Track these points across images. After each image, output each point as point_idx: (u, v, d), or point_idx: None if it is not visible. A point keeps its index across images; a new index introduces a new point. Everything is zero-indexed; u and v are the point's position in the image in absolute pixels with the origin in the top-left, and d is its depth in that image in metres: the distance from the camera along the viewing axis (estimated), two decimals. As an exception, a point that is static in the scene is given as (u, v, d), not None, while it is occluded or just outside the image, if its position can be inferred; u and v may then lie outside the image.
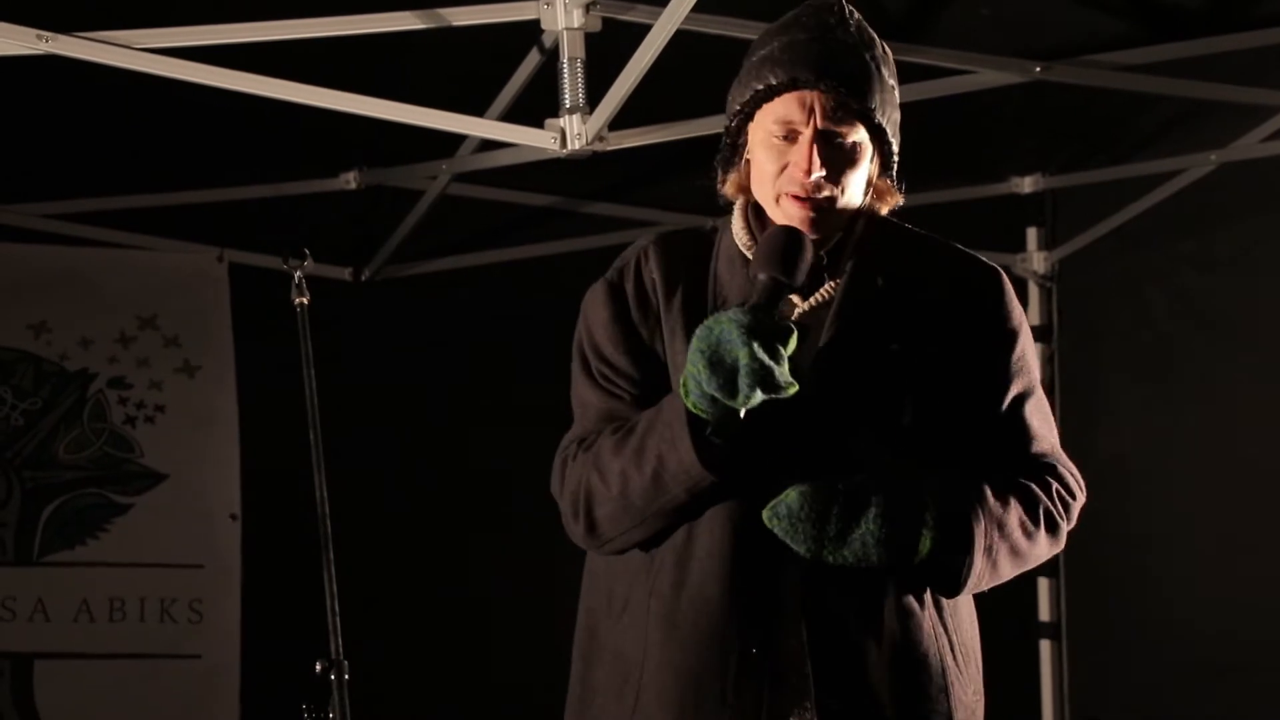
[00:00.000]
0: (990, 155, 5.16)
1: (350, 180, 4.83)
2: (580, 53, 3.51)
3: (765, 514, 2.14)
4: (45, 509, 4.88)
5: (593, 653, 2.33)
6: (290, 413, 3.74)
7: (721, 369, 2.06)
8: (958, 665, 2.29)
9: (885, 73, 2.29)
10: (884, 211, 2.36)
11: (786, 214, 2.25)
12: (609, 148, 3.56)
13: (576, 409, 2.36)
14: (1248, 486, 4.83)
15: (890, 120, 2.28)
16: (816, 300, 2.29)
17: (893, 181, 2.33)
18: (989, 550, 2.24)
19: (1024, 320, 2.38)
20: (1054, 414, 5.58)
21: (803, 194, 2.23)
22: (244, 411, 5.01)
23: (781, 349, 2.09)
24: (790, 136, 2.24)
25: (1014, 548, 2.29)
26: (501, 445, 4.89)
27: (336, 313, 4.40)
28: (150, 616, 4.87)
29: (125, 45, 3.42)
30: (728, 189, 2.36)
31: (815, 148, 2.22)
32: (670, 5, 3.32)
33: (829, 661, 2.20)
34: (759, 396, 2.07)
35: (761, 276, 2.17)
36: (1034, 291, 5.52)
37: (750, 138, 2.29)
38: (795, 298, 2.27)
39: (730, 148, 2.34)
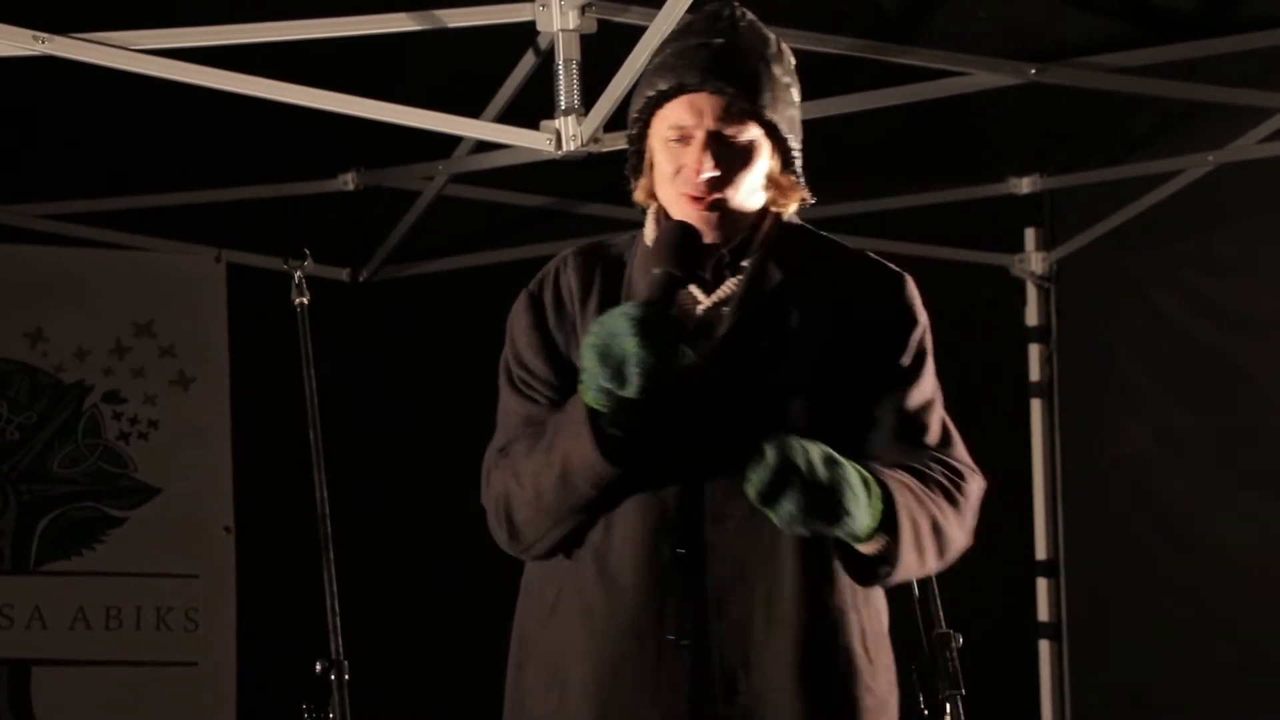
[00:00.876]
0: (988, 156, 5.16)
1: (348, 181, 4.84)
2: (576, 54, 3.52)
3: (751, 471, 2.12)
4: (41, 520, 4.91)
5: (523, 657, 2.38)
6: (287, 413, 3.75)
7: (610, 361, 2.11)
8: (868, 655, 2.32)
9: (778, 71, 2.33)
10: (791, 208, 2.40)
11: (684, 214, 2.31)
12: (604, 149, 3.56)
13: (500, 420, 2.41)
14: (1245, 486, 4.83)
15: (784, 117, 2.33)
16: (720, 297, 2.33)
17: (797, 178, 2.38)
18: (916, 537, 2.25)
19: (926, 328, 2.42)
20: (1052, 415, 5.64)
21: (697, 194, 2.29)
22: (241, 412, 5.02)
23: (671, 341, 2.13)
24: (684, 139, 2.29)
25: (936, 528, 2.30)
26: (500, 445, 4.89)
27: (334, 313, 4.41)
28: (146, 624, 4.90)
29: (122, 46, 3.43)
30: (638, 195, 2.41)
31: (706, 149, 2.27)
32: (665, 7, 3.32)
33: (743, 649, 2.24)
34: (643, 391, 2.11)
35: (655, 271, 2.23)
36: (1032, 292, 5.52)
37: (651, 144, 2.35)
38: (699, 294, 2.32)
39: (636, 155, 2.39)
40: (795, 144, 2.37)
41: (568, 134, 3.54)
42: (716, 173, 2.28)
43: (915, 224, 5.35)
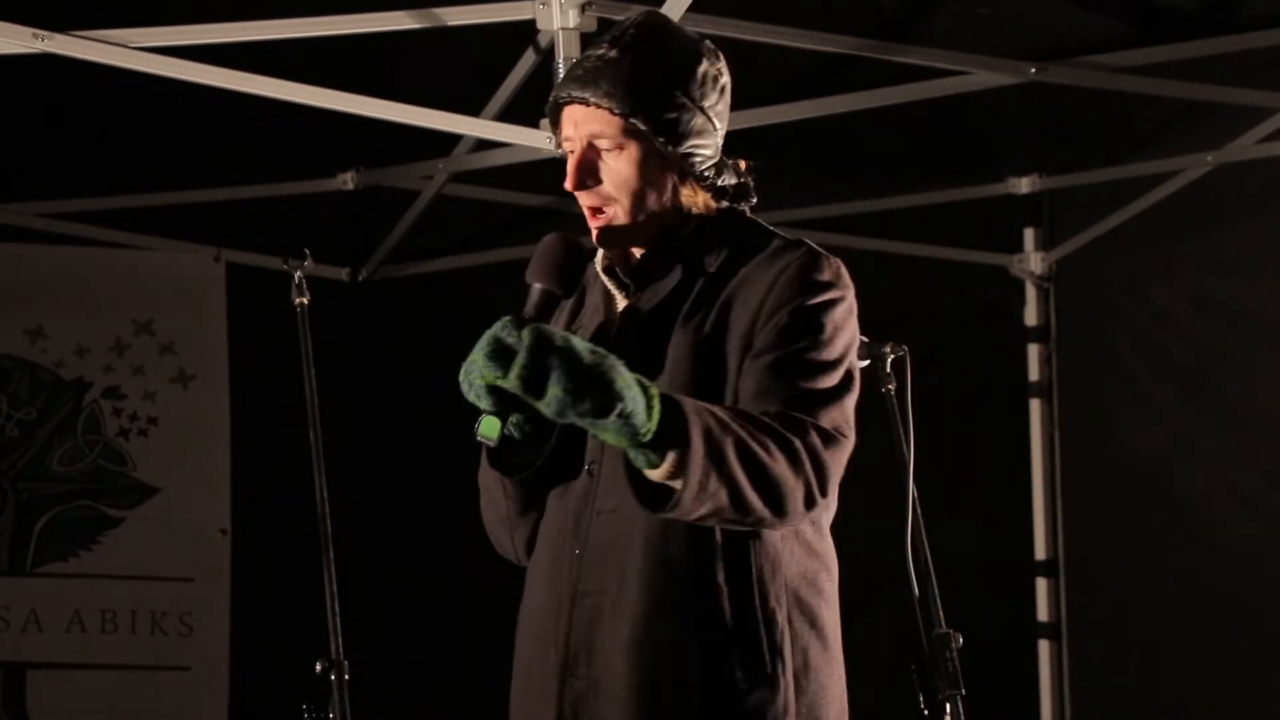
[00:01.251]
0: (987, 156, 5.16)
1: (348, 180, 4.84)
2: (576, 53, 3.51)
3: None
4: (39, 521, 4.91)
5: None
6: (285, 412, 3.74)
7: (468, 385, 2.12)
8: (723, 646, 2.23)
9: (661, 78, 2.29)
10: (705, 208, 2.36)
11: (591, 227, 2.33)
12: (604, 148, 3.55)
13: None
14: (1244, 485, 4.83)
15: (662, 121, 2.27)
16: (636, 300, 2.33)
17: (701, 180, 2.34)
18: (717, 456, 2.10)
19: (824, 302, 2.27)
20: (1051, 415, 5.63)
21: (587, 205, 2.31)
22: (240, 412, 5.02)
23: (512, 352, 2.05)
24: (571, 153, 2.32)
25: (747, 455, 2.14)
26: (499, 444, 4.88)
27: (333, 313, 4.41)
28: (141, 628, 4.91)
29: (121, 44, 3.43)
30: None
31: (578, 162, 2.30)
32: (665, 6, 3.33)
33: (589, 637, 2.26)
34: (483, 402, 2.11)
35: (536, 286, 2.25)
36: (1031, 292, 5.52)
37: None
38: (618, 295, 2.34)
39: None
40: (693, 147, 2.31)
41: (567, 133, 3.54)
42: (587, 184, 2.30)
43: (915, 224, 5.35)
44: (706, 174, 2.35)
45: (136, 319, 5.01)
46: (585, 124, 2.28)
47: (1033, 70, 4.07)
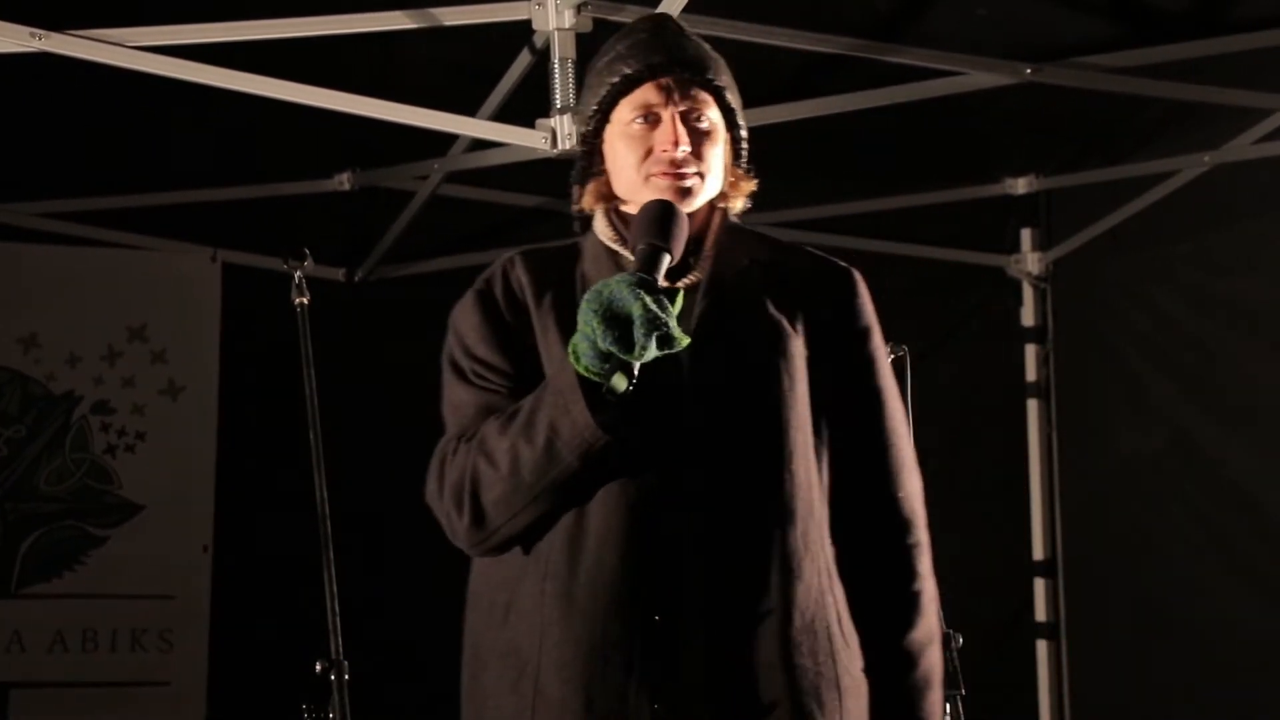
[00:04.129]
0: (984, 157, 5.16)
1: (344, 181, 4.84)
2: (571, 53, 3.52)
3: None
4: (24, 541, 4.94)
5: (478, 662, 2.38)
6: (277, 415, 3.73)
7: (617, 323, 2.11)
8: (844, 637, 2.33)
9: (725, 68, 2.41)
10: (739, 204, 2.44)
11: (658, 190, 2.32)
12: (599, 147, 3.55)
13: (451, 414, 2.38)
14: (1243, 485, 4.83)
15: (737, 106, 2.39)
16: (688, 283, 2.35)
17: (746, 170, 2.43)
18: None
19: (876, 322, 2.45)
20: (1049, 415, 5.63)
21: (671, 170, 2.32)
22: (232, 414, 5.02)
23: (669, 306, 2.14)
24: (651, 119, 2.33)
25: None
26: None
27: (330, 314, 4.40)
28: (121, 646, 4.94)
29: (117, 43, 3.43)
30: (587, 201, 2.42)
31: (677, 124, 2.31)
32: (661, 6, 3.32)
33: (726, 628, 2.24)
34: (653, 349, 2.11)
35: (640, 246, 2.23)
36: (1028, 292, 5.52)
37: (608, 137, 2.38)
38: (664, 281, 2.31)
39: (586, 156, 2.41)
40: (745, 137, 2.42)
41: (563, 132, 3.54)
42: (689, 147, 2.32)
43: (911, 224, 5.35)
44: (747, 167, 2.43)
45: (130, 324, 5.02)
46: (680, 91, 2.32)
47: (1028, 71, 4.07)
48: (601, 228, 2.41)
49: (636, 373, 2.13)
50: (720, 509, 2.26)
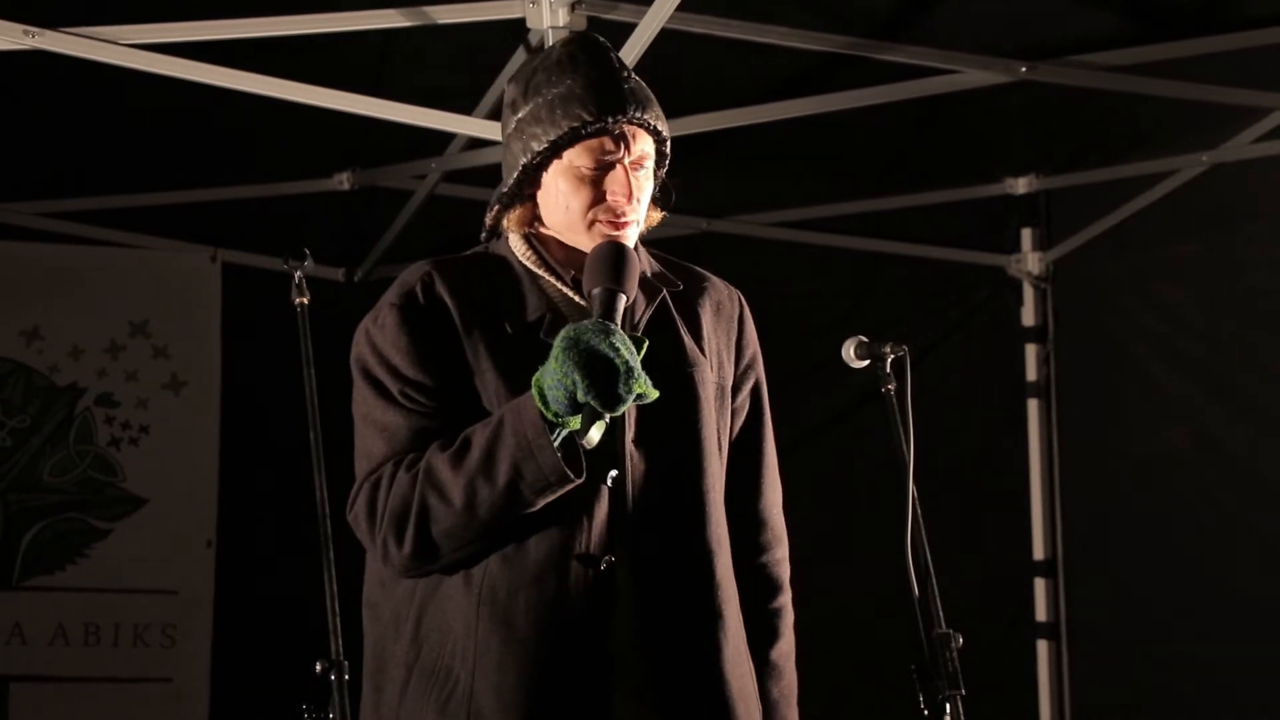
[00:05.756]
0: (985, 156, 5.15)
1: (343, 181, 4.83)
2: (566, 51, 3.50)
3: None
4: (27, 533, 4.93)
5: (382, 675, 2.36)
6: (278, 414, 3.72)
7: (598, 376, 2.13)
8: (746, 654, 2.43)
9: (655, 100, 2.43)
10: (648, 227, 2.46)
11: (600, 236, 2.35)
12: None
13: (376, 435, 2.33)
14: (1244, 485, 4.82)
15: (668, 146, 2.43)
16: (642, 316, 2.41)
17: (656, 202, 2.46)
18: None
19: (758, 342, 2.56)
20: (1049, 415, 5.62)
21: (616, 219, 2.35)
22: (232, 415, 5.01)
23: (638, 352, 2.18)
24: (603, 168, 2.34)
25: None
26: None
27: (329, 314, 4.38)
28: (124, 641, 4.92)
29: (112, 41, 3.41)
30: (512, 223, 2.42)
31: (630, 178, 2.35)
32: (655, 4, 3.32)
33: (666, 653, 2.29)
34: (628, 404, 2.15)
35: (597, 290, 2.25)
36: (1029, 292, 5.51)
37: (552, 173, 2.36)
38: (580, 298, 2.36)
39: (519, 183, 2.39)
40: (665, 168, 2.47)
41: (559, 131, 3.52)
42: (640, 198, 2.36)
43: (912, 224, 5.34)
44: (659, 198, 2.46)
45: (133, 320, 5.02)
46: (635, 142, 2.34)
47: (1023, 69, 4.05)
48: (521, 249, 2.41)
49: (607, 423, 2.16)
50: (657, 537, 2.31)
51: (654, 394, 2.15)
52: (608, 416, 2.15)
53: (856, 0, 3.93)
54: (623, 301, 2.25)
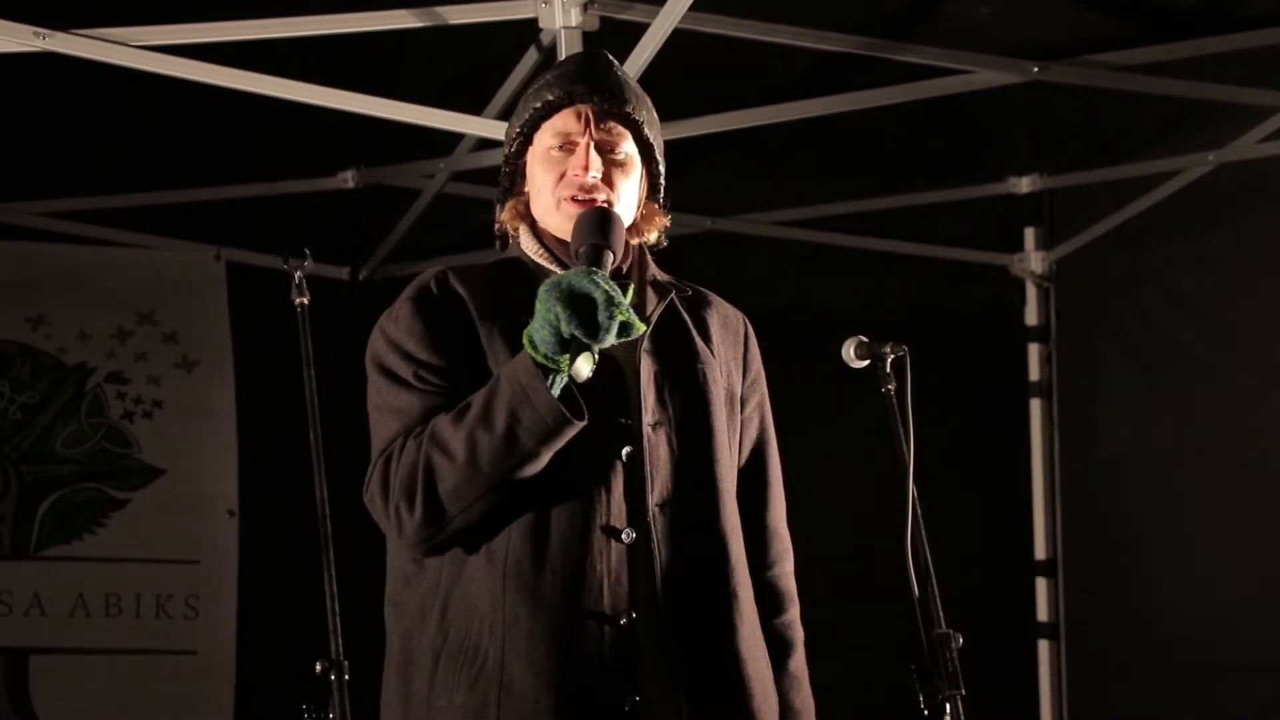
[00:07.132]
0: (988, 155, 5.15)
1: (348, 179, 4.84)
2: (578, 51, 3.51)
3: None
4: (42, 503, 4.87)
5: (411, 666, 2.37)
6: (287, 412, 3.73)
7: (580, 308, 2.17)
8: (763, 647, 2.48)
9: (647, 104, 2.50)
10: (653, 237, 2.52)
11: (567, 216, 2.40)
12: (604, 147, 3.55)
13: (390, 418, 2.36)
14: (1246, 486, 4.82)
15: (656, 142, 2.48)
16: (660, 300, 2.48)
17: (660, 206, 2.51)
18: None
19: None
20: (1051, 414, 5.63)
21: (581, 195, 2.40)
22: (242, 410, 5.01)
23: (623, 294, 2.21)
24: (567, 147, 2.42)
25: None
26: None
27: (334, 312, 4.40)
28: (146, 612, 4.87)
29: (122, 43, 3.43)
30: (506, 216, 2.50)
31: (590, 151, 2.40)
32: (667, 5, 3.33)
33: (690, 626, 2.33)
34: (614, 334, 2.18)
35: (583, 247, 2.31)
36: (1032, 292, 5.52)
37: (529, 160, 2.47)
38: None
39: (509, 177, 2.49)
40: (663, 172, 2.51)
41: (568, 132, 3.53)
42: (599, 173, 2.39)
43: (915, 223, 5.35)
44: (662, 202, 2.52)
45: (139, 310, 5.02)
46: (596, 120, 2.41)
47: (1035, 69, 4.07)
48: (530, 245, 2.46)
49: (596, 358, 2.20)
50: (675, 515, 2.35)
51: (641, 326, 2.19)
52: (595, 348, 2.18)
53: (867, 1, 3.94)
54: (609, 257, 2.29)
